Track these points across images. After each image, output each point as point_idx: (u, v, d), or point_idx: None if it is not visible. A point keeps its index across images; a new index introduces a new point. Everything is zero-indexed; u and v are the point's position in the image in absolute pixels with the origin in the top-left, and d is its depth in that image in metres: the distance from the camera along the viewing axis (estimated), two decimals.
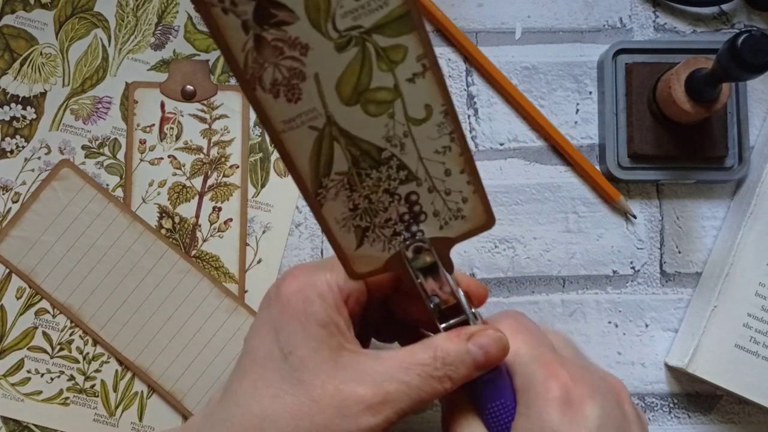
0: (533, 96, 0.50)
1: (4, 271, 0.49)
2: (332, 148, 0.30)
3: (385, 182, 0.31)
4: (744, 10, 0.51)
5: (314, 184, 0.31)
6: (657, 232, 0.50)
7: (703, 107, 0.45)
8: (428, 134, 0.31)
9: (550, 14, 0.51)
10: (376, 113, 0.30)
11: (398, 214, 0.32)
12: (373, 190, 0.31)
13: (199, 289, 0.49)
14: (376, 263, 0.33)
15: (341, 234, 0.32)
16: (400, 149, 0.31)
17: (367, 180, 0.31)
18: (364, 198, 0.31)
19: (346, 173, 0.31)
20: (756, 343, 0.46)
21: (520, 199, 0.50)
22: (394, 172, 0.31)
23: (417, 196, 0.32)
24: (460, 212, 0.32)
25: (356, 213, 0.32)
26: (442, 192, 0.32)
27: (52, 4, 0.51)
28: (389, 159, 0.31)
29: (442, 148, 0.31)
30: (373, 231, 0.32)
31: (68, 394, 0.49)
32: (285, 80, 0.29)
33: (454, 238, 0.33)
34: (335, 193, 0.31)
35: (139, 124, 0.50)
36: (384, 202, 0.32)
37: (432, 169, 0.31)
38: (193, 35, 0.51)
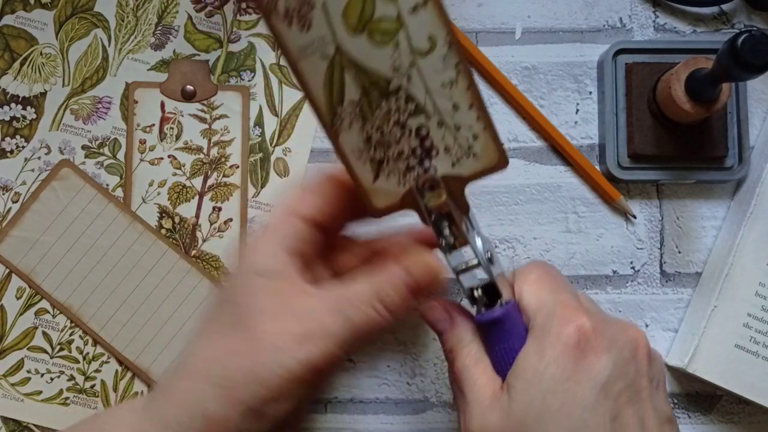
0: (533, 96, 0.50)
1: (4, 271, 0.49)
2: (343, 77, 0.32)
3: (395, 114, 0.33)
4: (744, 10, 0.51)
5: (329, 111, 0.32)
6: (657, 232, 0.50)
7: (703, 107, 0.45)
8: (434, 66, 0.32)
9: (550, 14, 0.51)
10: (381, 43, 0.31)
11: (410, 148, 0.33)
12: (384, 121, 0.33)
13: (199, 289, 0.49)
14: (393, 198, 0.34)
15: (359, 166, 0.33)
16: (407, 80, 0.32)
17: (377, 110, 0.33)
18: (376, 129, 0.33)
19: (358, 102, 0.32)
20: (756, 343, 0.46)
21: (520, 199, 0.50)
22: (403, 103, 0.32)
23: (427, 130, 0.33)
24: (471, 150, 0.33)
25: (370, 144, 0.33)
26: (452, 127, 0.33)
27: (52, 4, 0.51)
28: (397, 90, 0.32)
29: (449, 81, 0.32)
30: (387, 164, 0.34)
31: (68, 394, 0.49)
32: (296, 8, 0.30)
33: (466, 176, 0.34)
34: (349, 123, 0.33)
35: (139, 124, 0.50)
36: (395, 134, 0.33)
37: (440, 102, 0.32)
38: (193, 35, 0.51)
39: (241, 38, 0.51)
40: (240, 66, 0.51)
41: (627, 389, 0.33)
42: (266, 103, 0.50)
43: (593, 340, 0.33)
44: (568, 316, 0.34)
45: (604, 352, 0.33)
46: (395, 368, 0.49)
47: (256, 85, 0.50)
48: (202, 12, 0.51)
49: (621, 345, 0.34)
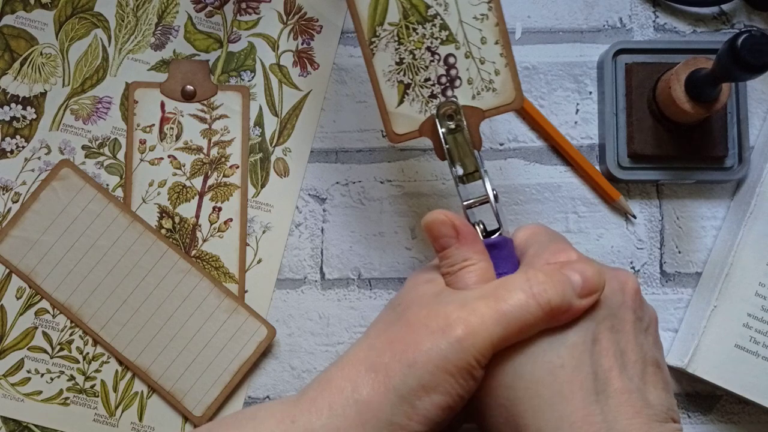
0: (533, 96, 0.50)
1: (4, 271, 0.49)
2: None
3: (429, 39, 0.36)
4: (744, 10, 0.51)
5: (370, 31, 0.36)
6: (657, 232, 0.50)
7: (703, 107, 0.45)
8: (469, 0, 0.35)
9: (550, 14, 0.51)
10: None
11: (437, 75, 0.36)
12: (417, 45, 0.36)
13: (199, 289, 0.49)
14: (413, 125, 0.37)
15: (386, 88, 0.37)
16: (444, 9, 0.35)
17: (413, 34, 0.36)
18: (409, 53, 0.36)
19: (397, 25, 0.36)
20: (756, 343, 0.46)
21: (520, 199, 0.50)
22: (437, 30, 0.36)
23: (455, 59, 0.36)
24: (492, 84, 0.37)
25: (401, 67, 0.36)
26: (478, 60, 0.36)
27: (52, 4, 0.51)
28: (434, 17, 0.35)
29: (480, 15, 0.36)
30: (413, 89, 0.37)
31: (68, 394, 0.49)
32: None
33: (484, 110, 0.37)
34: (386, 44, 0.36)
35: (139, 124, 0.50)
36: (425, 60, 0.36)
37: (470, 34, 0.36)
38: (193, 35, 0.51)
39: (241, 38, 0.51)
40: (240, 66, 0.51)
41: (610, 316, 0.34)
42: (266, 103, 0.50)
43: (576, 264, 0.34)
44: (558, 249, 0.35)
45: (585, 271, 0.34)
46: None
47: (256, 85, 0.50)
48: (202, 12, 0.51)
49: (610, 277, 0.35)
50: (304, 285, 0.50)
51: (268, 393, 0.49)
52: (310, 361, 0.49)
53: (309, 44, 0.51)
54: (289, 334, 0.49)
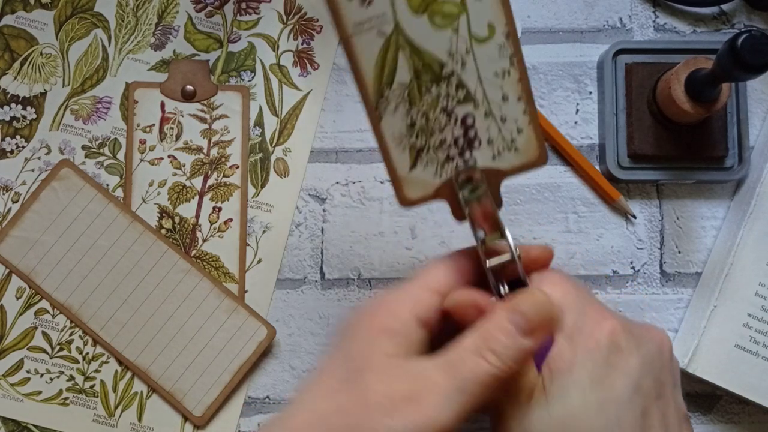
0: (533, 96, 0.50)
1: (4, 271, 0.49)
2: (396, 57, 0.31)
3: (444, 99, 0.32)
4: (744, 10, 0.51)
5: (376, 92, 0.32)
6: (657, 232, 0.50)
7: (703, 107, 0.45)
8: (489, 54, 0.31)
9: (550, 14, 0.51)
10: (441, 25, 0.31)
11: (453, 137, 0.33)
12: (431, 106, 0.32)
13: (199, 289, 0.49)
14: (427, 189, 0.33)
15: (396, 153, 0.33)
16: (461, 66, 0.31)
17: (426, 95, 0.32)
18: (421, 115, 0.32)
19: (408, 85, 0.32)
20: (756, 343, 0.46)
21: (520, 199, 0.50)
22: (453, 90, 0.32)
23: (473, 120, 0.32)
24: (514, 143, 0.33)
25: (413, 131, 0.32)
26: (498, 118, 0.33)
27: (52, 4, 0.51)
28: (450, 75, 0.32)
29: (502, 71, 0.32)
30: (427, 152, 0.33)
31: (68, 395, 0.49)
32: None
33: (505, 170, 0.33)
34: (395, 106, 0.32)
35: (139, 124, 0.50)
36: (440, 122, 0.32)
37: (490, 91, 0.32)
38: (193, 35, 0.51)
39: (241, 38, 0.51)
40: (240, 66, 0.51)
41: (654, 385, 0.34)
42: (266, 103, 0.50)
43: (624, 339, 0.33)
44: (598, 316, 0.34)
45: (635, 350, 0.33)
46: None
47: (256, 85, 0.50)
48: (202, 12, 0.51)
49: (648, 343, 0.34)
50: (304, 285, 0.50)
51: (268, 393, 0.49)
52: (310, 361, 0.49)
53: (309, 44, 0.51)
54: (289, 334, 0.49)
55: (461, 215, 0.34)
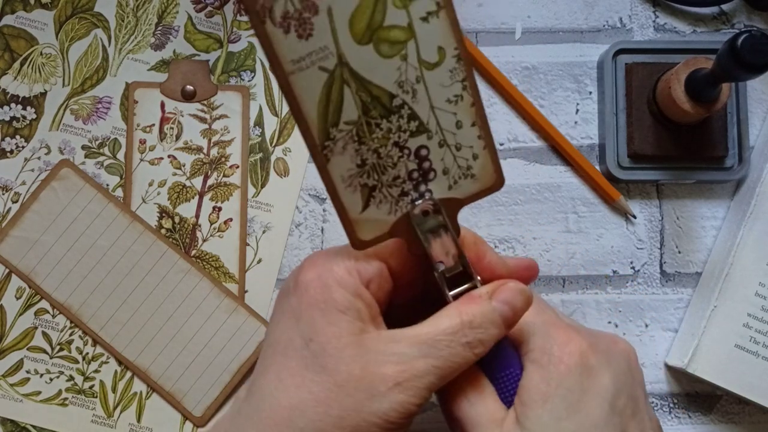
0: (533, 96, 0.50)
1: (4, 271, 0.49)
2: (342, 93, 0.28)
3: (396, 134, 0.30)
4: (744, 10, 0.51)
5: (322, 134, 0.29)
6: (657, 232, 0.50)
7: (703, 107, 0.45)
8: (440, 80, 0.29)
9: (550, 14, 0.51)
10: (388, 54, 0.28)
11: (407, 171, 0.30)
12: (383, 143, 0.30)
13: (199, 289, 0.49)
14: (382, 228, 0.31)
15: (346, 194, 0.30)
16: (411, 96, 0.29)
17: (376, 131, 0.29)
18: (372, 152, 0.30)
19: (356, 122, 0.29)
20: (756, 343, 0.46)
21: (520, 199, 0.50)
22: (405, 122, 0.30)
23: (427, 151, 0.30)
24: (470, 170, 0.31)
25: (363, 170, 0.30)
26: (453, 147, 0.30)
27: (52, 4, 0.51)
28: (400, 107, 0.29)
29: (454, 97, 0.30)
30: (380, 190, 0.31)
31: (67, 395, 0.49)
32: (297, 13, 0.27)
33: (462, 199, 0.32)
34: (343, 147, 0.29)
35: (139, 124, 0.50)
36: (393, 157, 0.30)
37: (443, 120, 0.30)
38: (193, 35, 0.51)
39: (241, 38, 0.51)
40: (240, 66, 0.51)
41: (628, 403, 0.33)
42: (266, 103, 0.50)
43: (593, 358, 0.32)
44: (564, 337, 0.33)
45: (606, 368, 0.32)
46: None
47: (256, 85, 0.50)
48: (202, 12, 0.51)
49: (617, 358, 0.33)
50: None
51: None
52: None
53: None
54: None
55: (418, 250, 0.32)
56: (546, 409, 0.32)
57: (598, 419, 0.32)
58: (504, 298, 0.32)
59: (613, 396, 0.32)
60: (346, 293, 0.32)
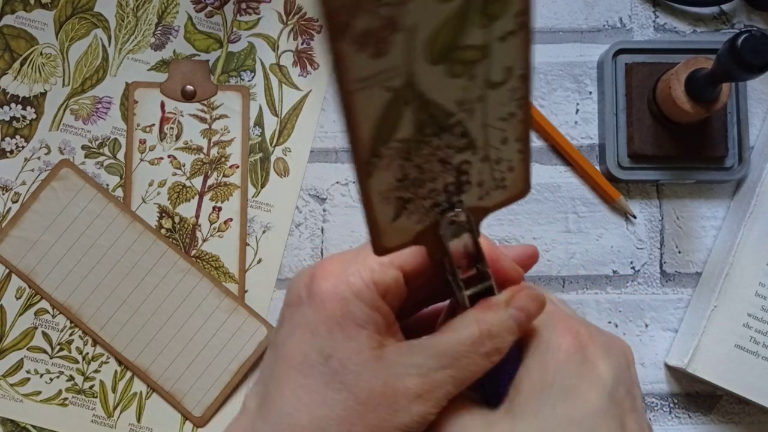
0: (533, 96, 0.50)
1: (4, 271, 0.49)
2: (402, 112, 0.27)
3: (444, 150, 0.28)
4: (744, 10, 0.51)
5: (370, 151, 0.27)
6: (657, 232, 0.50)
7: (703, 107, 0.45)
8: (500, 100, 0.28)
9: (550, 14, 0.51)
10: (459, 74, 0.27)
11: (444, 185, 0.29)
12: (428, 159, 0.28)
13: (199, 289, 0.49)
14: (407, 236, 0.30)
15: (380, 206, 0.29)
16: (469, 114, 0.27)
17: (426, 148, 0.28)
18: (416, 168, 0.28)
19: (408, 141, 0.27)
20: (756, 343, 0.46)
21: None
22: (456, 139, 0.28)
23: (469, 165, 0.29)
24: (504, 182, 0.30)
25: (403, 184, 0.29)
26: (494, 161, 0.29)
27: (52, 4, 0.51)
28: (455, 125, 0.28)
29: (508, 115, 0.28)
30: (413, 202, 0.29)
31: (67, 395, 0.49)
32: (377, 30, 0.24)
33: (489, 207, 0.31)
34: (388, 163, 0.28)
35: (139, 124, 0.50)
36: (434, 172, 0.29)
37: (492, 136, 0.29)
38: (193, 35, 0.51)
39: (241, 38, 0.51)
40: (240, 66, 0.51)
41: (627, 396, 0.33)
42: (266, 103, 0.50)
43: (591, 347, 0.32)
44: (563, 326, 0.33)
45: (604, 359, 0.32)
46: None
47: (256, 85, 0.50)
48: (202, 12, 0.51)
49: (616, 353, 0.33)
50: None
51: None
52: None
53: (309, 44, 0.51)
54: None
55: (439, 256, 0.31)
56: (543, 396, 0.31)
57: (596, 407, 0.31)
58: (520, 305, 0.32)
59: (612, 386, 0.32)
60: (364, 307, 0.32)
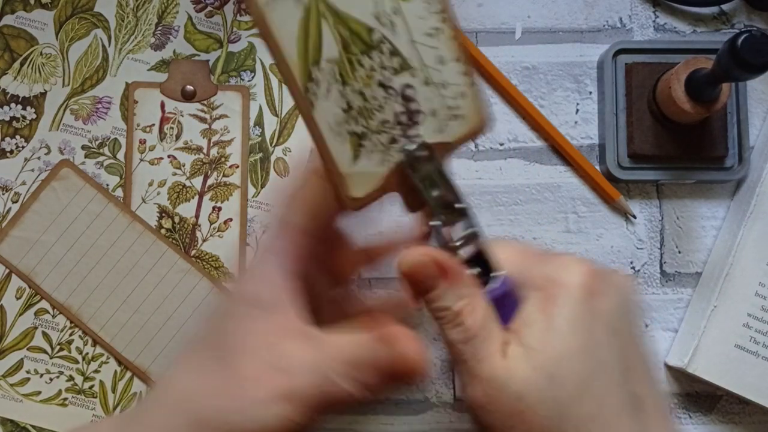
0: (533, 96, 0.50)
1: (4, 271, 0.49)
2: (320, 28, 0.28)
3: (379, 72, 0.29)
4: (744, 10, 0.51)
5: (303, 74, 0.28)
6: (657, 232, 0.50)
7: (703, 107, 0.45)
8: (417, 12, 0.29)
9: (550, 14, 0.51)
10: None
11: (394, 114, 0.30)
12: (366, 82, 0.29)
13: (199, 289, 0.49)
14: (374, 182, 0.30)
15: (336, 145, 0.29)
16: (390, 29, 0.29)
17: (359, 69, 0.29)
18: (357, 94, 0.29)
19: (337, 60, 0.28)
20: (756, 343, 0.46)
21: (520, 199, 0.50)
22: (387, 58, 0.29)
23: (413, 90, 0.30)
24: (458, 110, 0.30)
25: (350, 114, 0.29)
26: (438, 85, 0.30)
27: (52, 4, 0.51)
28: (380, 42, 0.29)
29: (433, 29, 0.29)
30: (368, 138, 0.30)
31: (67, 395, 0.49)
32: None
33: (452, 142, 0.31)
34: (327, 89, 0.28)
35: (139, 124, 0.50)
36: (379, 99, 0.29)
37: (425, 55, 0.29)
38: (193, 35, 0.51)
39: (241, 38, 0.51)
40: (240, 66, 0.51)
41: (630, 329, 0.33)
42: (266, 103, 0.50)
43: (597, 282, 0.32)
44: (566, 261, 0.33)
45: (610, 293, 0.32)
46: None
47: (256, 85, 0.50)
48: (202, 12, 0.51)
49: (620, 286, 0.33)
50: None
51: None
52: None
53: None
54: None
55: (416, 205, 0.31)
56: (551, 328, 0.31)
57: (601, 339, 0.31)
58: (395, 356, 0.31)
59: (616, 319, 0.32)
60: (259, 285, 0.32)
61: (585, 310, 0.31)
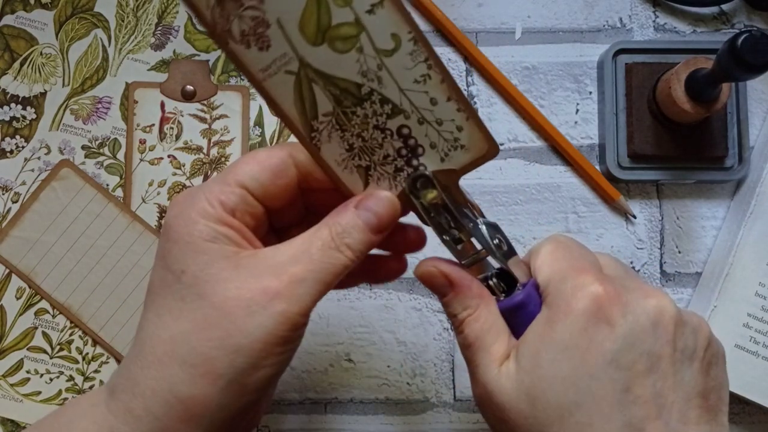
0: (533, 96, 0.50)
1: (4, 271, 0.49)
2: (312, 90, 0.31)
3: (372, 118, 0.32)
4: (744, 10, 0.51)
5: (305, 127, 0.32)
6: (657, 232, 0.50)
7: (703, 107, 0.45)
8: (403, 64, 0.31)
9: (550, 14, 0.51)
10: (344, 49, 0.31)
11: (395, 150, 0.33)
12: (363, 127, 0.32)
13: None
14: None
15: (345, 176, 0.33)
16: (378, 83, 0.31)
17: (354, 118, 0.32)
18: (357, 137, 0.32)
19: (332, 113, 0.32)
20: (756, 343, 0.46)
21: (520, 199, 0.50)
22: (379, 107, 0.32)
23: (408, 129, 0.32)
24: (458, 142, 0.33)
25: (353, 152, 0.33)
26: (433, 122, 0.32)
27: (52, 4, 0.51)
28: (370, 94, 0.31)
29: (421, 77, 0.31)
30: (375, 169, 0.33)
31: (67, 395, 0.49)
32: (251, 30, 0.30)
33: (458, 169, 0.33)
34: (328, 135, 0.32)
35: (139, 124, 0.50)
36: (377, 139, 0.32)
37: (416, 99, 0.32)
38: (193, 35, 0.51)
39: None
40: None
41: (642, 358, 0.31)
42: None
43: (607, 308, 0.31)
44: (580, 282, 0.32)
45: (618, 320, 0.31)
46: (395, 368, 0.49)
47: None
48: None
49: (639, 312, 0.31)
50: None
51: None
52: (310, 362, 0.49)
53: None
54: None
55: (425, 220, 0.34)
56: (543, 348, 0.31)
57: (593, 369, 0.31)
58: (367, 206, 0.33)
59: (619, 349, 0.31)
60: (209, 223, 0.32)
61: (582, 338, 0.31)
